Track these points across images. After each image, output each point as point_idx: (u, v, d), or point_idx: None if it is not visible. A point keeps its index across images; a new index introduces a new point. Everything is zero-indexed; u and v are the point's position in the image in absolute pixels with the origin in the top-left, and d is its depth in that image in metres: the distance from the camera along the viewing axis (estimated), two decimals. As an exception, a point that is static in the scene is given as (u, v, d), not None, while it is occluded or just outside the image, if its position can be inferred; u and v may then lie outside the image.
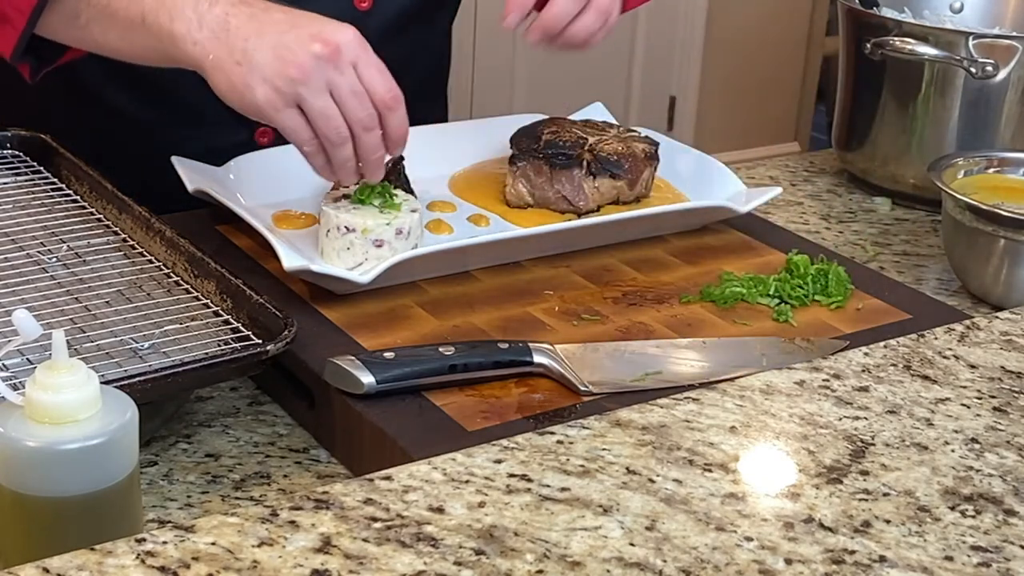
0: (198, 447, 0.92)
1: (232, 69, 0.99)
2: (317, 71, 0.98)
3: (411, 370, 0.92)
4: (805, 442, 0.81)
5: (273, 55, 0.98)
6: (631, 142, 1.25)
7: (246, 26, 1.00)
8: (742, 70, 3.84)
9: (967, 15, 1.52)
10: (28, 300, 0.96)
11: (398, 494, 0.72)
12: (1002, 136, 1.37)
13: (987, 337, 0.96)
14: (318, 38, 0.99)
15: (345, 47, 0.99)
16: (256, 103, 0.99)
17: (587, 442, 0.79)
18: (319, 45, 0.99)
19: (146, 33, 1.02)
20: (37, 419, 0.71)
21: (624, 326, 1.04)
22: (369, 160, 1.04)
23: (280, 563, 0.66)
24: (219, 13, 1.00)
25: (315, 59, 0.98)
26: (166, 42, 1.01)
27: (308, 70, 0.98)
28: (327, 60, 0.99)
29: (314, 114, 1.00)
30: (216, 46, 0.99)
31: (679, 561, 0.68)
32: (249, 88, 0.99)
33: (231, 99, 1.01)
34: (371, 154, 1.03)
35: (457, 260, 1.11)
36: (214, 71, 1.00)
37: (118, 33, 1.04)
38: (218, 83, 1.00)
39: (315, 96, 0.99)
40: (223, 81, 1.00)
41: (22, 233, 1.08)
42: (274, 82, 0.98)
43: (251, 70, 0.98)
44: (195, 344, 0.92)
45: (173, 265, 1.03)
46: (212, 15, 1.00)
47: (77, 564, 0.65)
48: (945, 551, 0.71)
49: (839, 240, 1.34)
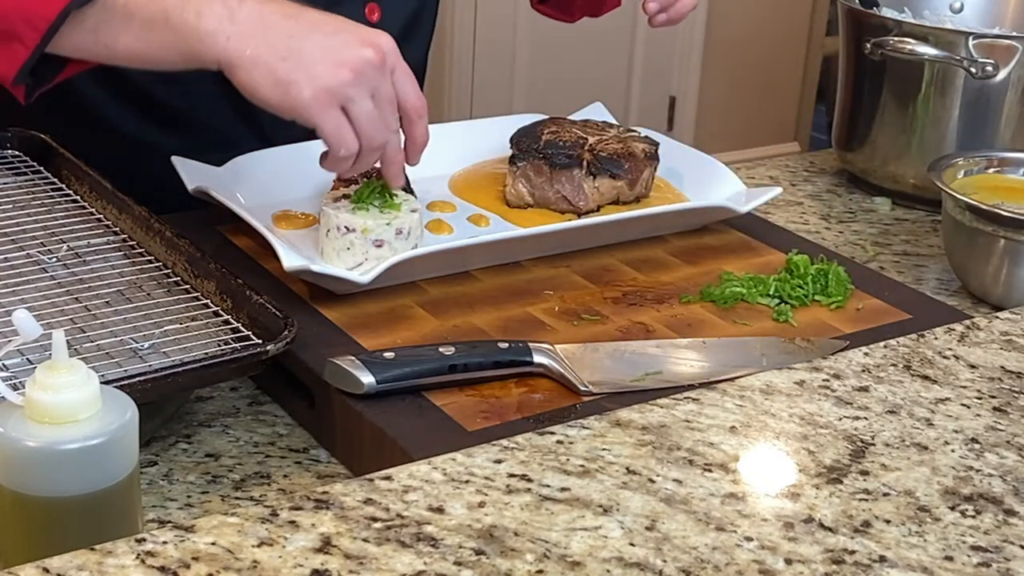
0: (198, 447, 0.92)
1: (277, 65, 0.97)
2: (368, 74, 0.98)
3: (411, 370, 0.92)
4: (805, 442, 0.81)
5: (323, 55, 0.97)
6: (631, 142, 1.25)
7: (285, 23, 0.98)
8: (742, 70, 3.84)
9: (967, 15, 1.52)
10: (28, 300, 0.96)
11: (398, 494, 0.72)
12: (1002, 136, 1.37)
13: (987, 337, 0.96)
14: (368, 43, 0.99)
15: (389, 54, 1.00)
16: (303, 100, 0.97)
17: (587, 442, 0.79)
18: (371, 50, 0.98)
19: (169, 32, 0.99)
20: (37, 419, 0.71)
21: (624, 326, 1.04)
22: (392, 164, 1.05)
23: (280, 563, 0.66)
24: (251, 10, 0.98)
25: (367, 63, 0.98)
26: (192, 40, 0.98)
27: (361, 73, 0.98)
28: (377, 66, 0.99)
29: (361, 116, 0.99)
30: (255, 41, 0.97)
31: (679, 561, 0.68)
32: (296, 85, 0.97)
33: (271, 96, 0.98)
34: (394, 157, 1.04)
35: (457, 260, 1.11)
36: (253, 66, 0.97)
37: (135, 34, 1.01)
38: (256, 78, 0.98)
39: (363, 99, 0.99)
40: (264, 76, 0.97)
41: (22, 233, 1.08)
42: (325, 82, 0.97)
43: (299, 67, 0.97)
44: (195, 344, 0.92)
45: (173, 265, 1.03)
46: (244, 11, 0.98)
47: (77, 564, 0.65)
48: (945, 551, 0.71)
49: (839, 240, 1.34)
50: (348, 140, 1.00)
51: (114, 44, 1.02)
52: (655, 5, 1.24)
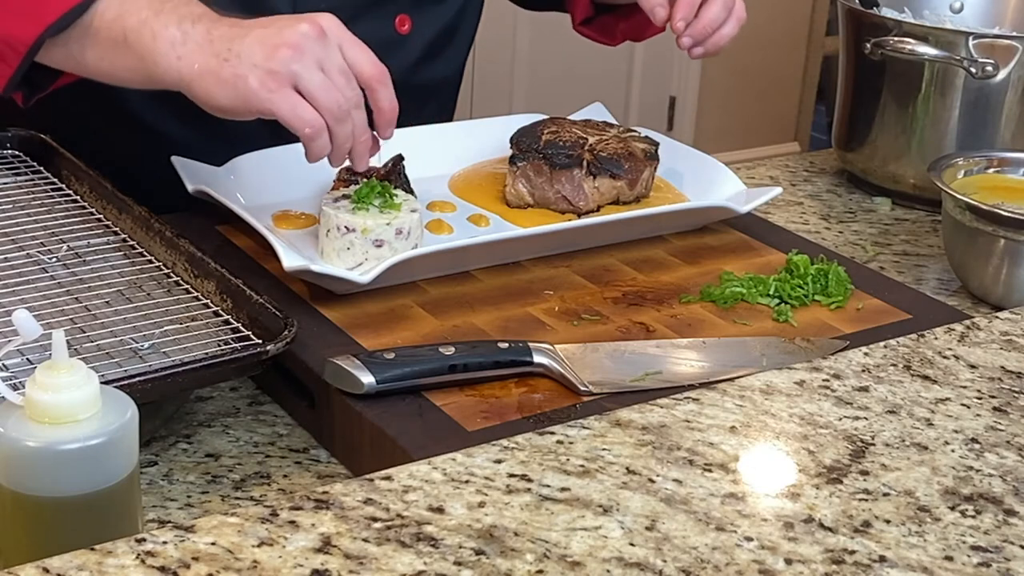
0: (198, 447, 0.92)
1: (220, 66, 0.98)
2: (308, 47, 0.98)
3: (411, 370, 0.92)
4: (805, 442, 0.81)
5: (260, 43, 0.98)
6: (631, 142, 1.25)
7: (228, 32, 0.99)
8: (742, 70, 3.84)
9: (967, 15, 1.52)
10: (28, 300, 0.96)
11: (398, 494, 0.72)
12: (1002, 136, 1.37)
13: (987, 337, 0.96)
14: (304, 20, 0.99)
15: (329, 29, 0.99)
16: (250, 89, 0.97)
17: (587, 442, 0.79)
18: (306, 24, 0.98)
19: (129, 53, 1.01)
20: (37, 419, 0.71)
21: (624, 326, 1.04)
22: (358, 142, 1.02)
23: (280, 563, 0.66)
24: (201, 29, 1.00)
25: (304, 36, 0.98)
26: (148, 61, 1.00)
27: (300, 47, 0.97)
28: (315, 37, 0.98)
29: (313, 89, 0.98)
30: (202, 56, 0.98)
31: (679, 561, 0.68)
32: (241, 78, 0.97)
33: (225, 98, 0.98)
34: (360, 135, 1.02)
35: (457, 260, 1.11)
36: (201, 77, 0.98)
37: (100, 54, 1.02)
38: (207, 87, 0.98)
39: (311, 72, 0.98)
40: (212, 82, 0.98)
41: (22, 233, 1.08)
42: (267, 65, 0.97)
43: (239, 61, 0.97)
44: (195, 344, 0.92)
45: (173, 265, 1.03)
46: (196, 31, 0.99)
47: (77, 564, 0.65)
48: (945, 551, 0.71)
49: (839, 240, 1.34)
50: (307, 116, 0.98)
51: (86, 63, 1.04)
52: (688, 40, 1.22)
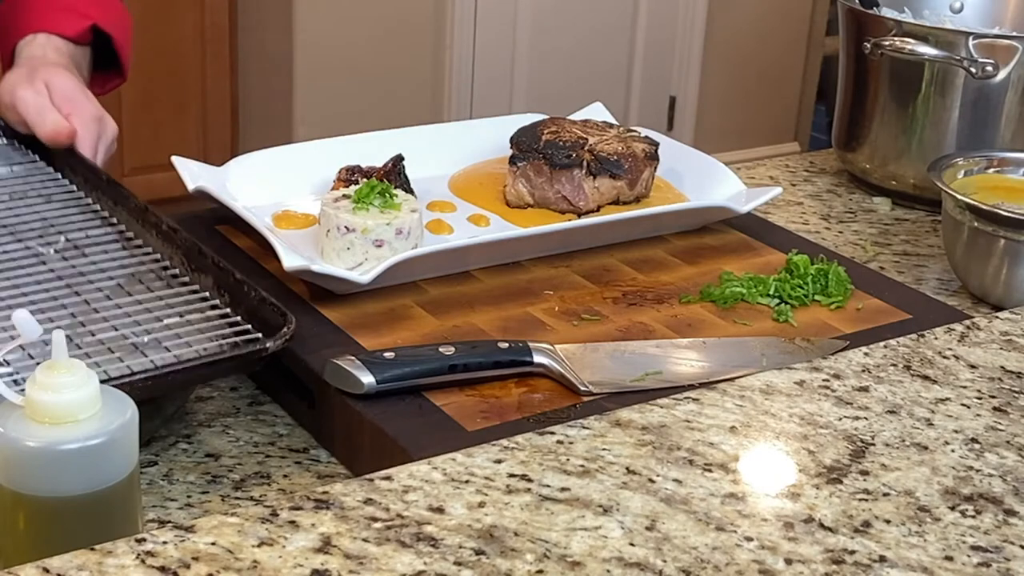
0: (198, 447, 0.92)
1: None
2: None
3: (411, 370, 0.92)
4: (805, 442, 0.81)
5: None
6: (631, 142, 1.25)
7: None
8: (742, 70, 3.84)
9: (967, 15, 1.52)
10: (28, 293, 0.96)
11: (398, 494, 0.72)
12: (1002, 136, 1.37)
13: (987, 337, 0.96)
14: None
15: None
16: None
17: (587, 442, 0.79)
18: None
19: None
20: (37, 419, 0.71)
21: (624, 326, 1.04)
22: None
23: (280, 563, 0.66)
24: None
25: None
26: None
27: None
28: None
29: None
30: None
31: (679, 561, 0.68)
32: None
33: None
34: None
35: (457, 260, 1.11)
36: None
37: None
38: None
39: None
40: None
41: (20, 225, 1.08)
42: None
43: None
44: (195, 338, 0.92)
45: (170, 258, 1.03)
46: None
47: (77, 564, 0.65)
48: (945, 551, 0.71)
49: (839, 240, 1.34)
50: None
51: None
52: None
